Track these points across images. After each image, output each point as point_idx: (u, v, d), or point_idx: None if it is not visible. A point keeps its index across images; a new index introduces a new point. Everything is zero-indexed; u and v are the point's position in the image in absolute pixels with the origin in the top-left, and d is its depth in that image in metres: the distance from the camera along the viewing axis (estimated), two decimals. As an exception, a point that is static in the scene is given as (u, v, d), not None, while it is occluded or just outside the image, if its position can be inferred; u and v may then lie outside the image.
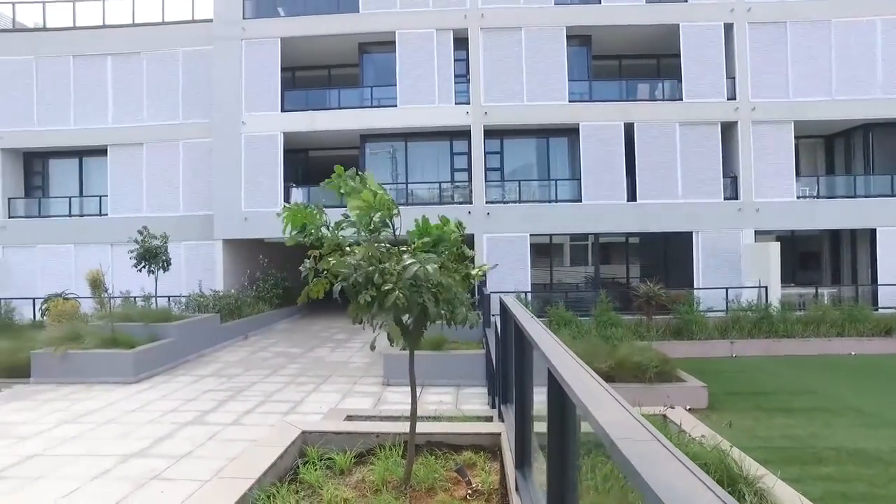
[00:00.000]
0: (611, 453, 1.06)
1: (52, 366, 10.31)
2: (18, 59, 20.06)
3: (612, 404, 1.34)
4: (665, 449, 1.01)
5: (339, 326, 17.24)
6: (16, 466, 6.21)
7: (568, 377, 1.65)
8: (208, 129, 18.62)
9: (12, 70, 20.04)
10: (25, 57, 20.03)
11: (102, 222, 19.43)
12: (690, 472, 0.91)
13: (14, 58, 20.06)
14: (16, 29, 20.70)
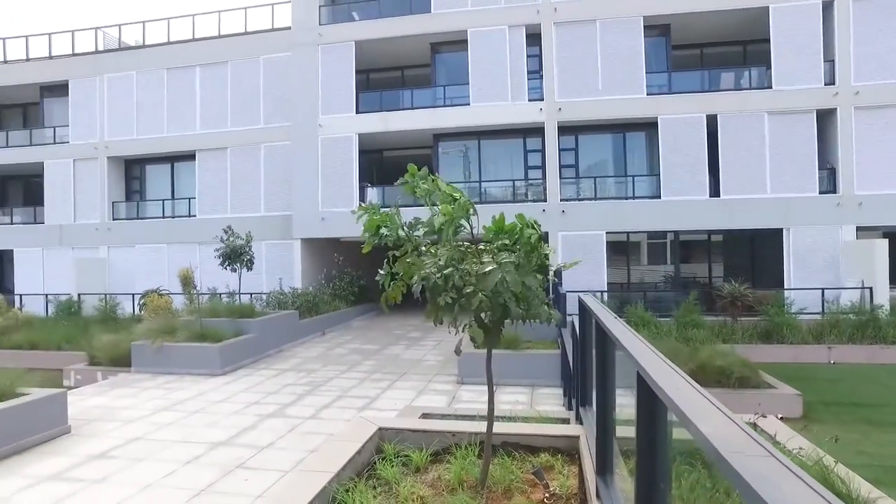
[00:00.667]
0: (720, 468, 0.96)
1: (149, 356, 11.03)
2: (123, 76, 21.67)
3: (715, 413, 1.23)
4: (785, 468, 0.90)
5: (413, 324, 17.45)
6: (122, 447, 6.69)
7: (661, 381, 1.54)
8: (287, 133, 19.35)
9: (118, 85, 21.67)
10: (128, 73, 21.59)
11: (191, 223, 20.63)
12: (820, 495, 0.80)
13: (119, 74, 21.69)
14: (121, 48, 22.33)
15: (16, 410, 6.72)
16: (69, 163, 22.23)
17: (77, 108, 22.30)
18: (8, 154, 23.44)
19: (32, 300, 20.70)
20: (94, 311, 18.48)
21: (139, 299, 17.47)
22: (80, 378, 11.96)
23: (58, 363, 13.33)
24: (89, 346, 12.82)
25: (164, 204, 21.61)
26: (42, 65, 23.12)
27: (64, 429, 7.27)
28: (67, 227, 22.13)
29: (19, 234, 23.14)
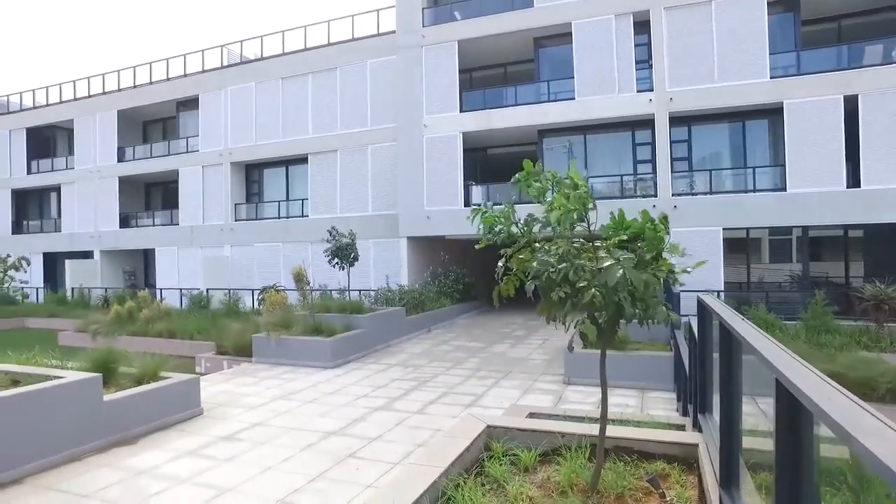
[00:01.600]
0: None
1: (268, 348, 11.78)
2: (243, 87, 23.40)
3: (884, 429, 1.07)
4: None
5: (518, 323, 17.35)
6: (246, 431, 7.19)
7: (808, 389, 1.38)
8: (393, 134, 19.93)
9: (240, 97, 23.45)
10: (248, 84, 23.28)
11: (304, 223, 21.84)
12: None
13: (241, 86, 23.46)
14: (242, 62, 24.11)
15: (160, 391, 7.45)
16: (199, 169, 24.35)
17: (205, 119, 24.37)
18: (151, 164, 26.12)
19: (170, 294, 22.87)
20: (220, 304, 20.08)
21: (258, 294, 18.75)
22: (209, 365, 13.04)
23: (191, 351, 14.62)
24: (217, 336, 13.95)
25: (279, 205, 23.07)
26: (178, 83, 25.49)
27: (197, 411, 7.94)
28: (197, 228, 24.25)
29: (159, 235, 25.70)
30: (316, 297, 15.00)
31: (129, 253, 28.03)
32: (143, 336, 16.46)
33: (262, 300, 17.93)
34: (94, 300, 24.75)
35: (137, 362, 8.09)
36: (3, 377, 6.75)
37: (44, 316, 23.32)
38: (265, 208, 23.66)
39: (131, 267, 28.31)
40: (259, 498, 5.20)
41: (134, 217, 27.57)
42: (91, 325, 17.70)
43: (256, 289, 19.96)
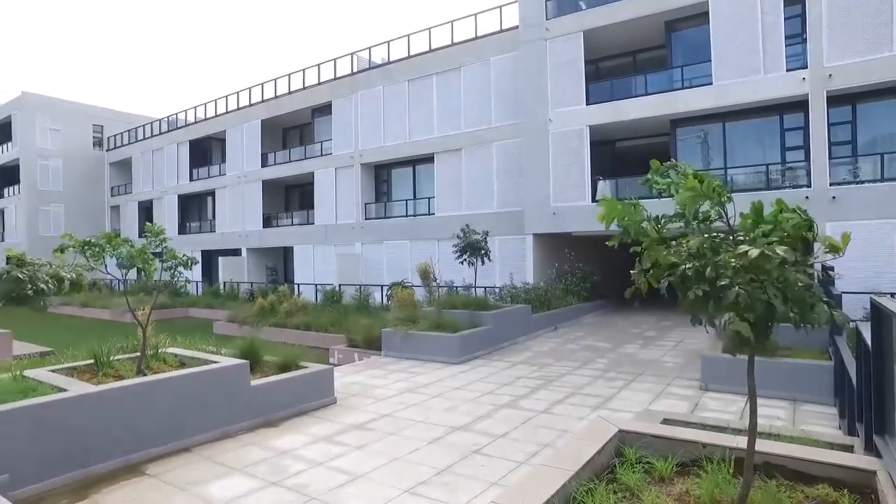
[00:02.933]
0: None
1: (396, 342, 12.18)
2: (372, 91, 24.48)
3: None
4: None
5: (649, 323, 16.49)
6: (376, 421, 7.47)
7: None
8: (518, 130, 19.76)
9: (368, 100, 24.57)
10: (376, 88, 24.31)
11: (430, 220, 22.35)
12: None
13: (369, 90, 24.56)
14: (370, 67, 25.24)
15: (299, 380, 7.96)
16: (332, 171, 25.84)
17: (337, 123, 25.80)
18: (289, 168, 28.20)
19: (306, 288, 24.52)
20: (351, 299, 21.17)
21: (386, 290, 19.49)
22: (342, 357, 13.76)
23: (325, 343, 15.54)
24: (348, 330, 14.70)
25: (406, 204, 23.83)
26: (313, 91, 27.25)
27: (331, 399, 8.38)
28: (331, 227, 25.77)
29: (297, 233, 27.67)
30: (441, 293, 15.29)
31: (271, 250, 30.49)
32: (283, 327, 17.80)
33: (390, 296, 18.64)
34: (242, 293, 27.22)
35: (279, 352, 8.71)
36: (173, 359, 7.58)
37: (202, 307, 26.09)
38: (393, 207, 24.57)
39: (273, 263, 30.77)
40: (388, 486, 5.35)
41: (275, 217, 29.94)
42: (239, 316, 19.49)
43: (385, 285, 20.80)
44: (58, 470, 5.46)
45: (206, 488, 5.39)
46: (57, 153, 41.73)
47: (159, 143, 36.84)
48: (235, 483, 5.52)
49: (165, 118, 37.53)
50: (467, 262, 13.67)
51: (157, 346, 7.75)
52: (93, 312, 27.93)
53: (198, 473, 5.78)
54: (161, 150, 36.55)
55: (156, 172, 37.01)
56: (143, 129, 39.21)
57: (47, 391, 5.88)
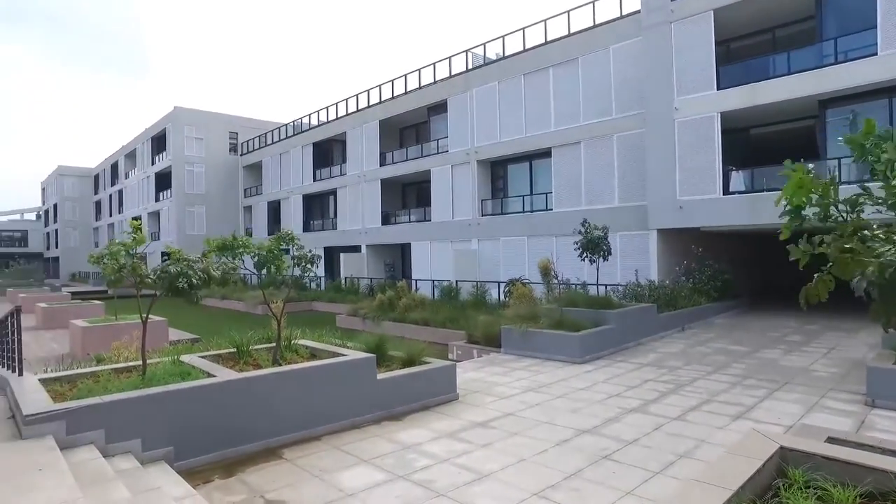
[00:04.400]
0: None
1: (516, 340, 12.00)
2: (487, 87, 24.43)
3: None
4: None
5: (791, 326, 14.99)
6: (499, 420, 7.35)
7: None
8: (639, 121, 18.79)
9: (484, 97, 24.55)
10: (491, 84, 24.22)
11: (547, 216, 21.89)
12: None
13: (484, 87, 24.54)
14: (485, 63, 25.20)
15: (423, 375, 8.04)
16: (448, 169, 26.13)
17: (453, 121, 26.03)
18: (407, 166, 28.94)
19: (423, 284, 25.02)
20: (468, 295, 21.27)
21: (504, 287, 19.34)
22: (460, 353, 13.80)
23: (443, 339, 15.70)
24: (467, 326, 14.72)
25: (523, 199, 23.52)
26: (428, 90, 27.74)
27: (453, 396, 8.38)
28: (447, 224, 26.08)
29: (414, 230, 28.32)
30: (560, 290, 14.88)
31: (389, 247, 31.50)
32: (402, 322, 18.24)
33: (508, 293, 18.48)
34: (362, 289, 28.35)
35: (403, 347, 8.86)
36: (305, 350, 7.97)
37: (325, 301, 27.52)
38: (510, 203, 24.37)
39: (391, 259, 31.76)
40: (515, 487, 5.21)
41: (393, 215, 30.86)
42: (360, 311, 20.26)
43: (502, 281, 20.67)
44: (209, 448, 5.90)
45: (337, 477, 5.55)
46: (200, 160, 45.99)
47: (286, 146, 39.39)
48: (364, 473, 5.63)
49: (291, 123, 40.07)
50: (588, 259, 13.17)
51: (289, 337, 8.17)
52: (230, 304, 30.47)
53: (329, 461, 5.97)
54: (287, 153, 39.06)
55: (283, 174, 39.63)
56: (271, 134, 42.18)
57: (199, 375, 6.37)
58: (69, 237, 68.87)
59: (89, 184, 70.05)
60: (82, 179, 70.09)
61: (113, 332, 13.83)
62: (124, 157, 57.50)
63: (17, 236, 78.22)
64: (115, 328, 14.68)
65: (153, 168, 49.15)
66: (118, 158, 59.43)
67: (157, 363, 6.85)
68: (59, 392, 5.97)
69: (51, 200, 73.64)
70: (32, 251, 75.25)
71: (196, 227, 44.79)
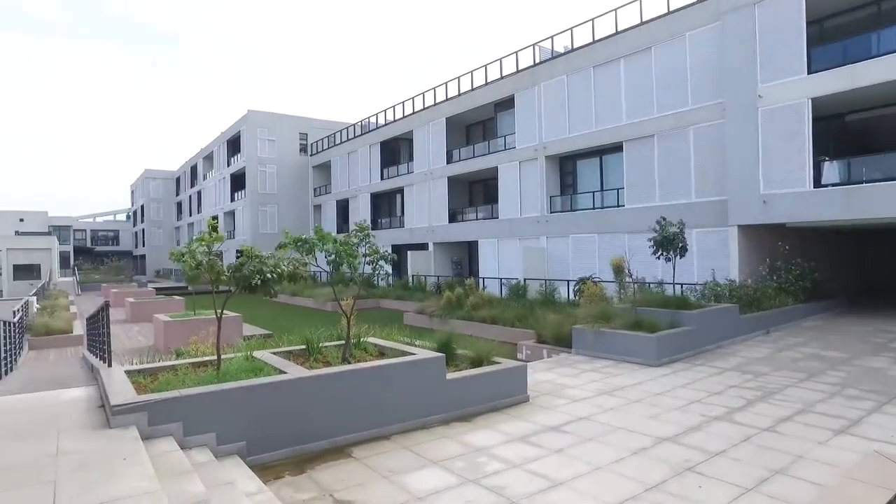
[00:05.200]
0: None
1: (587, 340, 11.58)
2: (555, 81, 23.86)
3: None
4: None
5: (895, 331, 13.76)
6: (572, 424, 7.04)
7: None
8: (718, 111, 17.77)
9: (552, 91, 24.00)
10: (559, 77, 23.63)
11: (619, 213, 21.12)
12: None
13: (552, 80, 23.98)
14: (553, 57, 24.62)
15: (493, 375, 7.83)
16: (515, 165, 25.74)
17: (520, 117, 25.60)
18: (473, 163, 28.76)
19: (490, 282, 24.76)
20: (536, 294, 20.85)
21: (573, 286, 18.82)
22: (529, 353, 13.48)
23: (512, 338, 15.41)
24: (537, 325, 14.37)
25: (593, 196, 22.81)
26: (495, 85, 27.42)
27: (523, 397, 8.11)
28: (515, 221, 25.70)
29: (481, 228, 28.10)
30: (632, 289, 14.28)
31: (455, 244, 31.42)
32: (469, 321, 18.06)
33: (577, 291, 17.98)
34: (429, 286, 28.41)
35: (471, 346, 8.67)
36: (373, 348, 7.92)
37: (392, 298, 27.75)
38: (579, 199, 23.70)
39: (458, 257, 31.68)
40: (592, 498, 4.93)
41: (460, 212, 30.75)
42: (427, 309, 20.25)
43: (571, 280, 20.12)
44: (280, 444, 5.93)
45: (406, 478, 5.43)
46: (272, 160, 47.58)
47: (354, 146, 40.09)
48: (433, 476, 5.49)
49: (359, 122, 40.75)
50: (663, 257, 12.54)
51: (358, 335, 8.15)
52: (300, 301, 31.31)
53: (397, 461, 5.87)
54: (355, 153, 39.75)
55: (351, 173, 40.37)
56: (339, 134, 43.07)
57: (270, 372, 6.42)
58: (154, 236, 73.09)
59: (172, 186, 74.11)
60: (166, 182, 74.25)
61: (191, 327, 14.42)
62: (202, 159, 60.39)
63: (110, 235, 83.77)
64: (193, 323, 15.32)
65: (228, 170, 51.30)
66: (197, 161, 62.50)
67: (231, 358, 6.98)
68: (142, 384, 6.16)
69: (138, 202, 78.49)
70: (123, 249, 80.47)
71: (269, 225, 46.38)
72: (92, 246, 78.91)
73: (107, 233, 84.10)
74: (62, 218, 70.81)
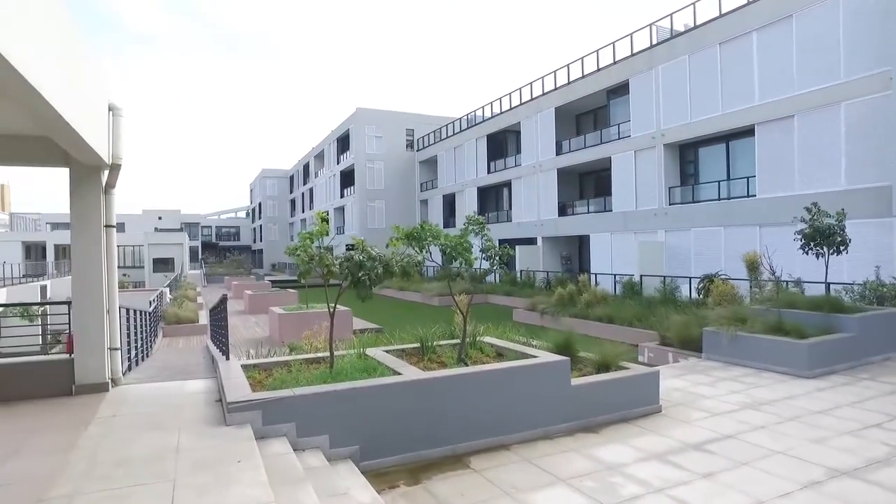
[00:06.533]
0: None
1: (720, 345, 10.37)
2: (674, 63, 22.11)
3: None
4: None
5: None
6: (716, 443, 6.11)
7: None
8: (880, 83, 15.42)
9: (671, 74, 22.27)
10: (679, 59, 21.86)
11: (749, 203, 19.12)
12: None
13: (671, 62, 22.24)
14: (672, 37, 22.82)
15: (621, 382, 7.06)
16: (631, 155, 24.22)
17: (636, 103, 24.03)
18: (584, 154, 27.49)
19: (602, 279, 23.49)
20: (654, 291, 19.43)
21: (698, 283, 17.27)
22: (652, 356, 12.41)
23: (631, 338, 14.34)
24: (660, 325, 13.21)
25: (718, 185, 20.88)
26: (606, 72, 25.98)
27: (655, 408, 7.26)
28: (630, 214, 24.21)
29: (593, 221, 26.80)
30: (768, 289, 12.71)
31: (565, 239, 30.27)
32: (584, 319, 17.13)
33: (702, 290, 16.48)
34: (538, 282, 27.56)
35: (595, 348, 7.93)
36: (489, 348, 7.41)
37: (501, 294, 27.21)
38: (702, 190, 21.81)
39: (567, 252, 30.53)
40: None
41: (570, 205, 29.56)
42: (538, 305, 19.48)
43: (694, 277, 18.51)
44: (394, 449, 5.58)
45: (532, 497, 4.87)
46: (380, 157, 48.67)
47: (460, 140, 39.91)
48: (562, 496, 4.88)
49: (465, 116, 40.52)
50: (814, 253, 10.97)
51: (474, 334, 7.67)
52: (406, 295, 31.61)
53: (520, 476, 5.32)
54: (461, 147, 39.55)
55: (457, 167, 40.24)
56: (445, 128, 43.10)
57: (384, 372, 6.10)
58: (270, 231, 77.70)
59: (286, 184, 78.36)
60: (280, 180, 78.63)
61: (304, 320, 14.73)
62: (314, 157, 63.16)
63: (231, 231, 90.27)
64: (305, 316, 15.67)
65: (338, 167, 53.17)
66: (309, 159, 65.48)
67: (343, 355, 6.75)
68: (257, 380, 6.06)
69: (256, 200, 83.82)
70: (243, 244, 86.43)
71: (376, 220, 47.52)
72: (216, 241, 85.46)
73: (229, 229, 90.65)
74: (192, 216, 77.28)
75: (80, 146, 5.43)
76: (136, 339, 9.86)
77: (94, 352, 6.51)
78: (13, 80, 3.13)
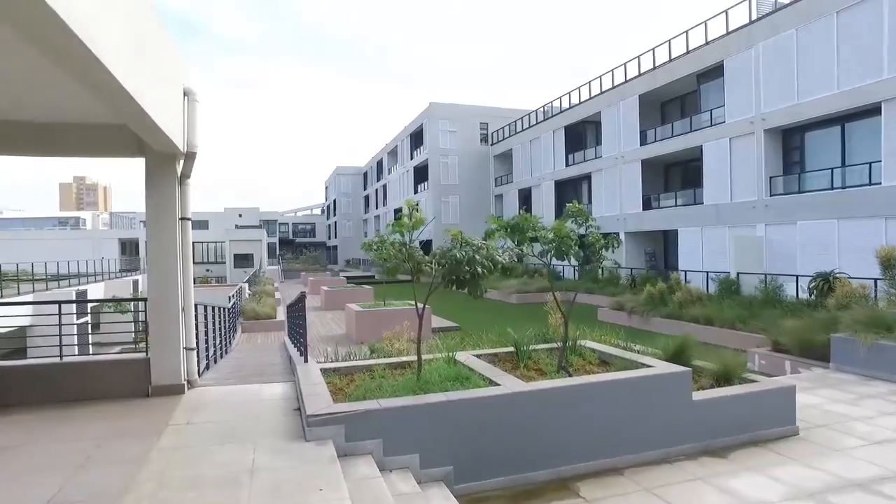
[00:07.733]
0: None
1: (855, 354, 8.99)
2: (777, 39, 20.07)
3: None
4: None
5: None
6: (890, 483, 4.96)
7: None
8: None
9: (772, 51, 20.25)
10: (784, 33, 19.80)
11: (871, 192, 16.97)
12: None
13: (773, 39, 20.20)
14: (776, 9, 20.75)
15: (748, 398, 6.03)
16: (725, 142, 22.33)
17: (731, 86, 22.11)
18: (671, 143, 25.71)
19: (693, 276, 21.79)
20: (754, 290, 17.70)
21: (809, 282, 15.50)
22: (764, 363, 11.08)
23: (736, 343, 12.96)
24: (771, 329, 11.80)
25: (831, 173, 18.73)
26: (698, 53, 24.10)
27: (791, 429, 6.17)
28: (723, 206, 22.34)
29: (680, 215, 25.01)
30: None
31: (649, 234, 28.53)
32: (677, 320, 15.79)
33: (814, 289, 14.77)
34: (622, 279, 26.07)
35: (711, 356, 6.90)
36: (591, 354, 6.54)
37: (581, 292, 25.89)
38: (809, 179, 19.68)
39: (651, 248, 28.78)
40: None
41: (655, 198, 27.78)
42: (627, 304, 18.21)
43: (802, 275, 16.66)
44: (491, 471, 4.86)
45: (663, 542, 3.99)
46: (453, 151, 48.10)
47: (536, 132, 38.66)
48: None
49: (541, 108, 39.21)
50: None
51: (574, 338, 6.81)
52: (483, 291, 30.72)
53: (641, 510, 4.45)
54: (538, 140, 38.29)
55: (533, 161, 39.01)
56: (520, 121, 41.92)
57: (479, 382, 5.37)
58: (344, 228, 79.01)
59: (360, 181, 79.42)
60: (354, 177, 79.79)
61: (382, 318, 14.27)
62: (387, 154, 63.45)
63: (307, 228, 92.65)
64: (384, 314, 15.21)
65: (412, 162, 53.05)
66: (382, 156, 65.89)
67: (429, 360, 6.08)
68: (338, 387, 5.49)
69: (331, 197, 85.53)
70: (318, 241, 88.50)
71: (450, 216, 47.01)
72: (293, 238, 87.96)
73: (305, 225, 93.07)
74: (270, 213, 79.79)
75: (155, 133, 5.04)
76: (214, 336, 9.62)
77: (170, 352, 6.16)
78: (88, 62, 2.92)
